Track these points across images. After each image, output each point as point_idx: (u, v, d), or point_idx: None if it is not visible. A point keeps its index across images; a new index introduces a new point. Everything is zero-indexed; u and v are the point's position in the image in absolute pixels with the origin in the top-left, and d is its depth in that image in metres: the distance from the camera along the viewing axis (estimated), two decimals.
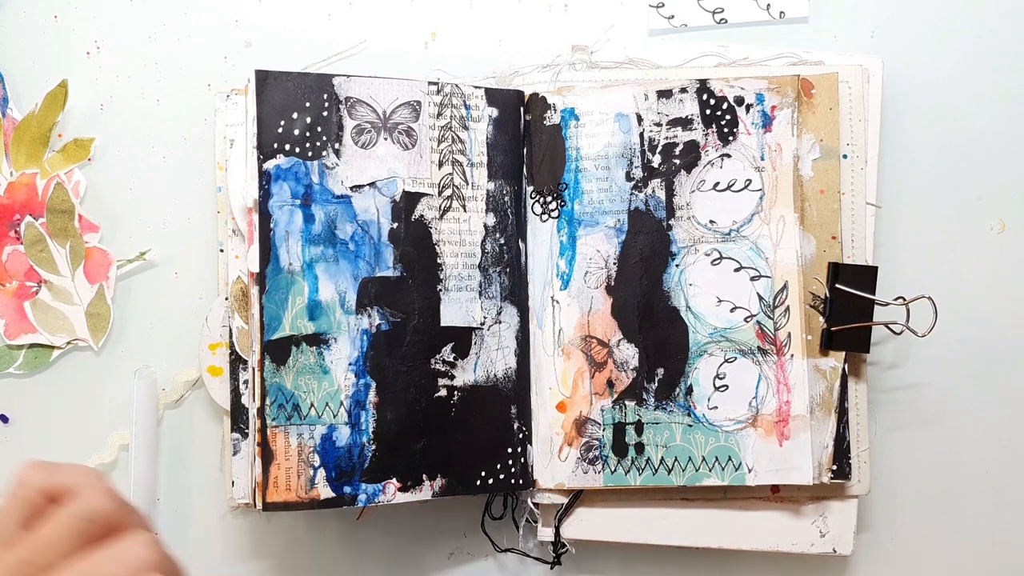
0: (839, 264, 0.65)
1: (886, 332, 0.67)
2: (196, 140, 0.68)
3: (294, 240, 0.61)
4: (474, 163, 0.65)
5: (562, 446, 0.65)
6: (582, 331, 0.66)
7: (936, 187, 0.71)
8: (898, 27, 0.70)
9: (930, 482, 0.72)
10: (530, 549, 0.69)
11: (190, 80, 0.68)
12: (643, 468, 0.65)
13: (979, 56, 0.71)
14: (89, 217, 0.67)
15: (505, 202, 0.65)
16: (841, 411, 0.66)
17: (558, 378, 0.66)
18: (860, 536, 0.70)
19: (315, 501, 0.61)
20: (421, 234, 0.63)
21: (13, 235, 0.66)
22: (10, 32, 0.67)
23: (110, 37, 0.68)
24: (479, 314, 0.65)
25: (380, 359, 0.62)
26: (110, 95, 0.67)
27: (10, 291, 0.66)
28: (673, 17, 0.70)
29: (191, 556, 0.68)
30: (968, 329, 0.71)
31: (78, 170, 0.67)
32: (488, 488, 0.65)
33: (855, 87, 0.66)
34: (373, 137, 0.63)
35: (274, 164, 0.61)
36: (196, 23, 0.68)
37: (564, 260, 0.66)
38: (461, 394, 0.64)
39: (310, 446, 0.61)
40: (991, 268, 0.71)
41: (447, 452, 0.64)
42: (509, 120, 0.66)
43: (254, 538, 0.69)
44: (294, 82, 0.62)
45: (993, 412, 0.71)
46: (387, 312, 0.62)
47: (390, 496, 0.62)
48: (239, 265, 0.64)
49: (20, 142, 0.66)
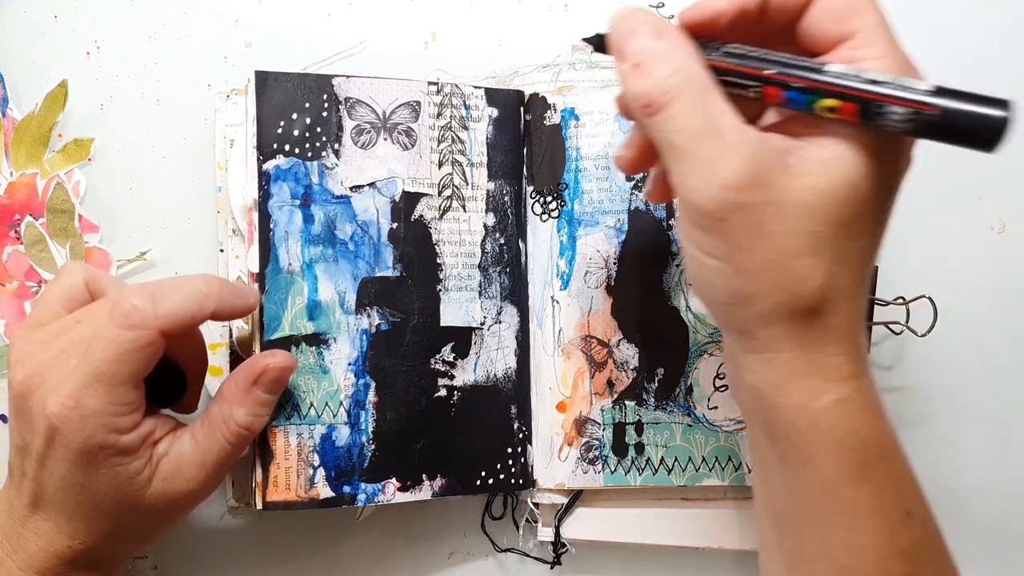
0: None
1: (886, 332, 0.67)
2: (196, 140, 0.67)
3: (293, 240, 0.61)
4: (474, 163, 0.65)
5: (562, 446, 0.65)
6: (582, 331, 0.66)
7: (936, 187, 0.71)
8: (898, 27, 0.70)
9: (930, 482, 0.72)
10: (530, 549, 0.69)
11: (190, 80, 0.68)
12: (643, 468, 0.65)
13: (979, 56, 0.71)
14: (89, 217, 0.67)
15: (505, 202, 0.66)
16: None
17: (558, 378, 0.66)
18: None
19: (314, 501, 0.61)
20: (421, 234, 0.63)
21: (13, 235, 0.66)
22: (10, 32, 0.67)
23: (110, 37, 0.67)
24: (479, 314, 0.65)
25: (380, 359, 0.62)
26: (110, 95, 0.67)
27: (10, 291, 0.66)
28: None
29: (191, 556, 0.68)
30: (968, 329, 0.71)
31: (78, 170, 0.67)
32: (488, 488, 0.65)
33: None
34: (373, 137, 0.63)
35: (274, 165, 0.61)
36: (196, 23, 0.68)
37: (564, 260, 0.66)
38: (461, 394, 0.64)
39: (309, 446, 0.61)
40: (991, 268, 0.71)
41: (447, 452, 0.64)
42: (509, 120, 0.66)
43: (254, 538, 0.69)
44: (294, 83, 0.62)
45: (993, 412, 0.72)
46: (387, 312, 0.62)
47: (389, 496, 0.62)
48: (239, 265, 0.64)
49: (20, 142, 0.66)
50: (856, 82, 0.43)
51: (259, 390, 0.57)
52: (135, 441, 0.53)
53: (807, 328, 0.46)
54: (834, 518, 0.49)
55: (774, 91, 0.44)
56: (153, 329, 0.51)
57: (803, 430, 0.48)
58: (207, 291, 0.54)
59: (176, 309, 0.52)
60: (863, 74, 0.42)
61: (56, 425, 0.51)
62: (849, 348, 0.47)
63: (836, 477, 0.48)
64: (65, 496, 0.53)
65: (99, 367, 0.51)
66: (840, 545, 0.49)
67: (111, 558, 0.57)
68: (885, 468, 0.49)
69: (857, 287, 0.47)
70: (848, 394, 0.47)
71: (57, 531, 0.54)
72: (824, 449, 0.48)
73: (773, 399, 0.48)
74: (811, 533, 0.50)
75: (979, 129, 0.38)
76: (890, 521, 0.49)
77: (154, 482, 0.54)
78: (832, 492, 0.49)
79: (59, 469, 0.52)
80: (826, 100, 0.43)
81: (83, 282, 0.56)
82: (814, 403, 0.47)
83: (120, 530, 0.55)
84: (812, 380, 0.47)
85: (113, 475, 0.53)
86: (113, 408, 0.51)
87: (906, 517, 0.49)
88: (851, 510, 0.49)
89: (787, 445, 0.49)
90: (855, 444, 0.48)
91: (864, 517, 0.49)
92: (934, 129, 0.40)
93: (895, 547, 0.49)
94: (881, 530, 0.49)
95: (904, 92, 0.41)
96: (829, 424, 0.48)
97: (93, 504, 0.53)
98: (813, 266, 0.45)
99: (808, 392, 0.47)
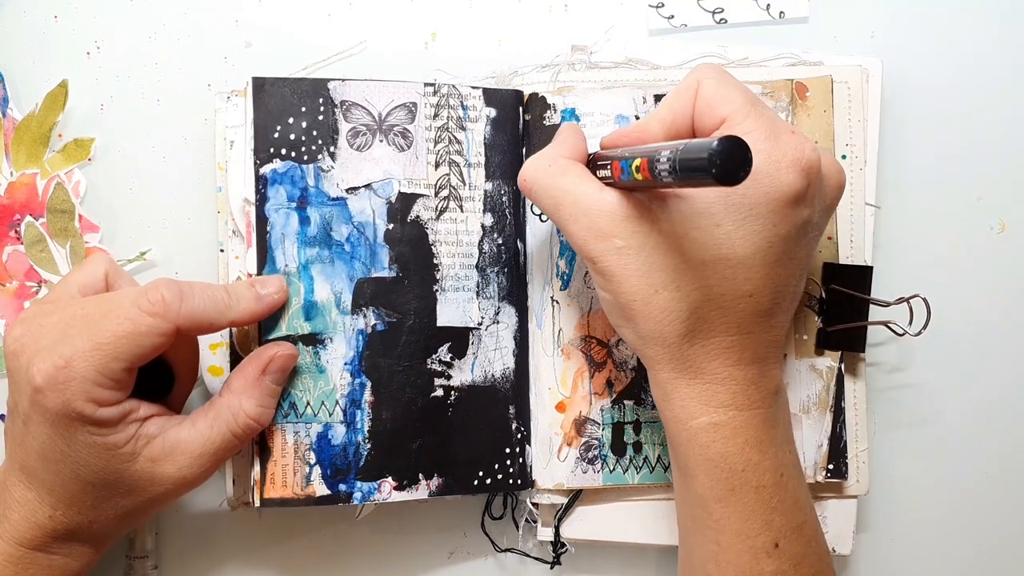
0: (833, 264, 0.65)
1: (887, 333, 0.67)
2: (196, 140, 0.68)
3: (290, 242, 0.62)
4: (471, 163, 0.65)
5: (561, 446, 0.65)
6: (582, 331, 0.66)
7: (936, 187, 0.71)
8: (898, 27, 0.70)
9: (930, 482, 0.72)
10: (530, 549, 0.70)
11: (190, 80, 0.68)
12: (640, 467, 0.65)
13: (979, 56, 0.70)
14: (89, 217, 0.67)
15: (503, 202, 0.65)
16: (837, 410, 0.66)
17: (557, 378, 0.66)
18: (859, 536, 0.70)
19: (311, 498, 0.61)
20: (417, 235, 0.63)
21: (13, 235, 0.66)
22: (10, 32, 0.67)
23: (110, 37, 0.68)
24: (476, 314, 0.65)
25: (376, 359, 0.62)
26: (110, 95, 0.67)
27: (10, 291, 0.66)
28: (673, 17, 0.70)
29: (191, 555, 0.69)
30: (968, 329, 0.71)
31: (78, 170, 0.67)
32: (486, 488, 0.65)
33: (854, 87, 0.66)
34: (368, 139, 0.63)
35: (270, 168, 0.62)
36: (196, 23, 0.68)
37: (564, 260, 0.66)
38: (458, 394, 0.64)
39: (306, 444, 0.61)
40: (991, 268, 0.71)
41: (444, 452, 0.64)
42: (507, 120, 0.66)
43: (254, 537, 0.69)
44: (290, 88, 0.62)
45: (993, 412, 0.71)
46: (383, 312, 0.63)
47: (386, 495, 0.62)
48: (239, 265, 0.64)
49: (20, 142, 0.66)
50: (646, 149, 0.49)
51: (267, 379, 0.59)
52: (113, 415, 0.54)
53: (679, 353, 0.53)
54: (707, 531, 0.55)
55: (615, 165, 0.52)
56: (172, 323, 0.54)
57: (683, 443, 0.55)
58: (229, 302, 0.57)
59: (198, 312, 0.55)
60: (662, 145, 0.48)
61: (39, 385, 0.52)
62: (726, 379, 0.54)
63: (709, 493, 0.54)
64: (47, 464, 0.54)
65: (105, 337, 0.53)
66: (710, 558, 0.55)
67: (93, 535, 0.58)
68: (754, 497, 0.54)
69: (733, 324, 0.53)
70: (722, 420, 0.54)
71: (40, 501, 0.55)
72: (699, 465, 0.54)
73: (663, 411, 0.56)
74: (692, 542, 0.57)
75: (703, 161, 0.43)
76: (753, 547, 0.54)
77: (139, 460, 0.55)
78: (705, 505, 0.55)
79: (41, 433, 0.54)
80: (635, 161, 0.49)
81: (104, 273, 0.59)
82: (691, 421, 0.54)
83: (102, 504, 0.56)
84: (689, 401, 0.54)
85: (92, 444, 0.54)
86: (100, 379, 0.53)
87: (772, 548, 0.54)
88: (719, 527, 0.54)
89: (676, 454, 0.56)
90: (725, 467, 0.54)
91: (730, 535, 0.54)
92: (683, 171, 0.45)
93: (757, 571, 0.54)
94: (744, 552, 0.54)
95: (667, 145, 0.47)
96: (702, 443, 0.54)
97: (74, 474, 0.54)
98: (674, 299, 0.52)
99: (685, 410, 0.54)
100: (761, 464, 0.54)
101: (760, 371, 0.55)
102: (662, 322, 0.53)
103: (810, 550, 0.56)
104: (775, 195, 0.51)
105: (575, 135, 0.59)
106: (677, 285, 0.52)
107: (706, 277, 0.52)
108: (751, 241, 0.51)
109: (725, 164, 0.42)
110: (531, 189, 0.57)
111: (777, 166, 0.51)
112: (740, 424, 0.54)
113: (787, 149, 0.51)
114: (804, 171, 0.51)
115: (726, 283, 0.52)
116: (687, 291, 0.52)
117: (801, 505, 0.56)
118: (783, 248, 0.52)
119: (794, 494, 0.55)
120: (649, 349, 0.55)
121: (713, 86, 0.54)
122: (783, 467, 0.55)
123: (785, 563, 0.54)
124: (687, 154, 0.44)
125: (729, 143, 0.42)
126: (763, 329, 0.54)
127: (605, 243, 0.53)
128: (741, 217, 0.51)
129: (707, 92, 0.54)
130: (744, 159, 0.42)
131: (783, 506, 0.55)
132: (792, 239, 0.52)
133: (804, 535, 0.56)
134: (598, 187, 0.54)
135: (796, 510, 0.55)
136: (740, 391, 0.54)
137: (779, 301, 0.54)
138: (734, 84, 0.54)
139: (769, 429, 0.55)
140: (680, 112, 0.55)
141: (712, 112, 0.53)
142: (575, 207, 0.54)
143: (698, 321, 0.53)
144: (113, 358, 0.53)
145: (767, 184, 0.51)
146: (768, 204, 0.51)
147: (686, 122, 0.55)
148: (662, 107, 0.56)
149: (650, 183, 0.49)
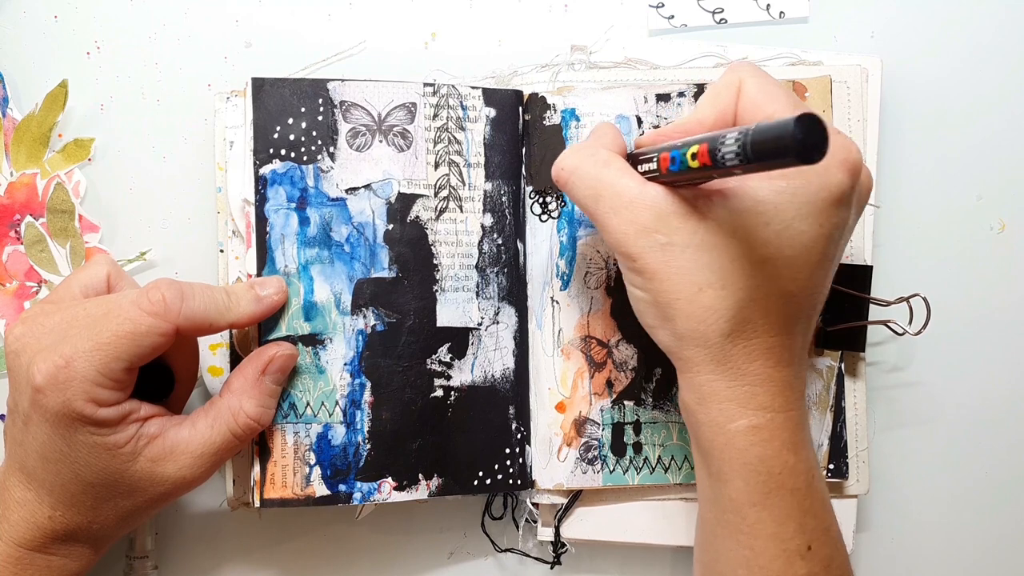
0: None
1: (887, 332, 0.67)
2: (196, 140, 0.68)
3: (290, 243, 0.62)
4: (471, 164, 0.65)
5: (561, 446, 0.65)
6: (582, 331, 0.66)
7: (936, 187, 0.71)
8: (898, 27, 0.70)
9: (930, 482, 0.72)
10: (530, 549, 0.70)
11: (190, 80, 0.68)
12: (641, 467, 0.65)
13: (979, 56, 0.70)
14: (89, 217, 0.67)
15: (503, 202, 0.65)
16: (837, 410, 0.66)
17: (557, 379, 0.66)
18: (860, 536, 0.70)
19: (310, 498, 0.61)
20: (417, 235, 0.63)
21: (13, 235, 0.66)
22: (10, 32, 0.67)
23: (110, 37, 0.68)
24: (476, 315, 0.65)
25: (375, 359, 0.62)
26: (110, 95, 0.68)
27: (10, 291, 0.66)
28: (673, 17, 0.70)
29: (191, 554, 0.69)
30: (968, 329, 0.71)
31: (78, 170, 0.67)
32: (486, 488, 0.65)
33: (854, 87, 0.66)
34: (368, 140, 0.63)
35: (270, 169, 0.62)
36: (196, 23, 0.68)
37: (564, 260, 0.66)
38: (458, 394, 0.64)
39: (306, 444, 0.61)
40: (991, 268, 0.71)
41: (444, 452, 0.64)
42: (507, 120, 0.66)
43: (255, 538, 0.69)
44: (289, 88, 0.62)
45: (994, 412, 0.71)
46: (382, 313, 0.63)
47: (385, 495, 0.62)
48: (239, 265, 0.64)
49: (20, 142, 0.66)
50: (704, 136, 0.48)
51: (267, 379, 0.59)
52: (113, 415, 0.54)
53: (721, 354, 0.52)
54: (739, 536, 0.54)
55: (664, 157, 0.51)
56: (172, 323, 0.54)
57: (719, 447, 0.53)
58: (229, 303, 0.57)
59: (198, 312, 0.55)
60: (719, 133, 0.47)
61: (39, 385, 0.52)
62: (765, 380, 0.53)
63: (744, 497, 0.53)
64: (47, 464, 0.54)
65: (106, 337, 0.53)
66: (742, 563, 0.54)
67: (93, 536, 0.58)
68: (790, 499, 0.53)
69: (775, 325, 0.52)
70: (761, 422, 0.53)
71: (39, 502, 0.55)
72: (735, 469, 0.53)
73: (696, 415, 0.54)
74: (721, 547, 0.56)
75: (783, 139, 0.42)
76: (787, 550, 0.53)
77: (140, 460, 0.55)
78: (739, 510, 0.54)
79: (41, 433, 0.54)
80: (692, 148, 0.48)
81: (106, 275, 0.59)
82: (729, 424, 0.53)
83: (102, 505, 0.56)
84: (727, 403, 0.53)
85: (92, 444, 0.54)
86: (100, 379, 0.53)
87: (806, 551, 0.54)
88: (753, 531, 0.53)
89: (709, 459, 0.54)
90: (763, 470, 0.53)
91: (764, 539, 0.53)
92: (757, 152, 0.44)
93: (790, 574, 0.53)
94: (778, 556, 0.53)
95: (732, 129, 0.46)
96: (740, 446, 0.53)
97: (74, 475, 0.54)
98: (719, 298, 0.51)
99: (723, 413, 0.53)
100: (796, 467, 0.53)
101: (795, 373, 0.54)
102: (705, 321, 0.52)
103: (837, 551, 0.56)
104: (824, 194, 0.50)
105: (613, 130, 0.59)
106: (723, 284, 0.51)
107: (752, 276, 0.51)
108: (799, 241, 0.51)
109: (807, 139, 0.41)
110: (569, 180, 0.56)
111: (827, 165, 0.50)
112: (778, 426, 0.53)
113: (836, 149, 0.50)
114: (851, 171, 0.51)
115: (771, 283, 0.51)
116: (732, 290, 0.51)
117: (828, 507, 0.56)
118: (825, 249, 0.52)
119: (822, 496, 0.55)
120: (688, 351, 0.54)
121: (757, 84, 0.54)
122: (812, 468, 0.55)
123: (817, 565, 0.54)
124: (761, 134, 0.43)
125: (810, 119, 0.41)
126: (801, 331, 0.54)
127: (647, 239, 0.52)
128: (791, 216, 0.50)
129: (751, 90, 0.53)
130: (823, 136, 0.41)
131: (814, 508, 0.54)
132: (834, 240, 0.52)
133: (832, 536, 0.56)
134: (641, 181, 0.53)
135: (824, 512, 0.55)
136: (779, 392, 0.53)
137: (816, 303, 0.54)
138: (775, 82, 0.54)
139: (802, 431, 0.54)
140: (723, 110, 0.54)
141: (758, 110, 0.53)
142: (616, 200, 0.53)
143: (742, 321, 0.52)
144: (113, 358, 0.53)
145: (817, 183, 0.50)
146: (817, 204, 0.50)
147: (728, 121, 0.55)
148: (702, 106, 0.55)
149: (707, 171, 0.48)
